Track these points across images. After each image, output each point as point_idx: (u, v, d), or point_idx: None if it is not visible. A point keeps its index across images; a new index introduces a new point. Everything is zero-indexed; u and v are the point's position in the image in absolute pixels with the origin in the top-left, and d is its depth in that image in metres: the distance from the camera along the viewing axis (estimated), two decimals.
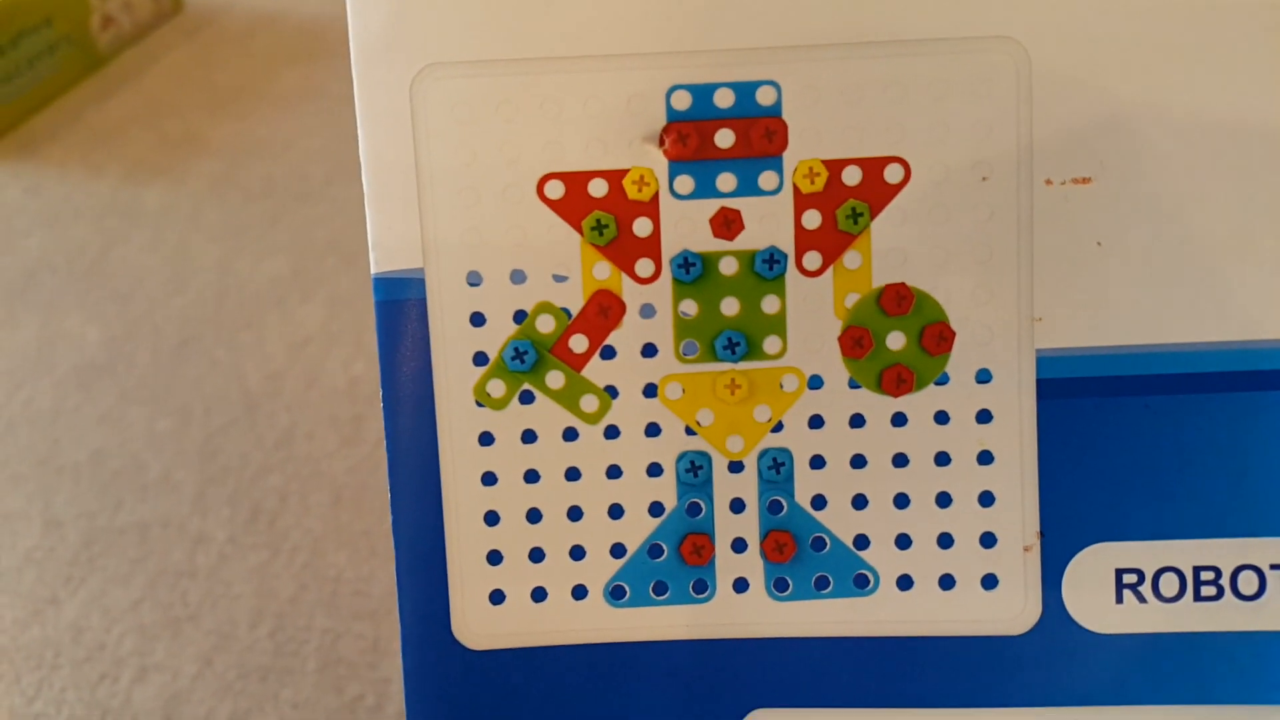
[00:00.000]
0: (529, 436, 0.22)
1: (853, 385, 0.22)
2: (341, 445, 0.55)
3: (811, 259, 0.22)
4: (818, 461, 0.22)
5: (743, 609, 0.22)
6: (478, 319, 0.22)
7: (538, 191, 0.22)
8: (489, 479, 0.22)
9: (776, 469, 0.22)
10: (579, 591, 0.22)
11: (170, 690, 0.47)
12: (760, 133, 0.21)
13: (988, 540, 0.22)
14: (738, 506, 0.22)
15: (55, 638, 0.49)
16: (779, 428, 0.22)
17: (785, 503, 0.22)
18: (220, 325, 0.60)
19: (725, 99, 0.21)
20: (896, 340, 0.22)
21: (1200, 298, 0.22)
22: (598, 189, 0.22)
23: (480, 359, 0.22)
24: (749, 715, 0.22)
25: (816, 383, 0.22)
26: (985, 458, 0.22)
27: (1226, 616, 0.22)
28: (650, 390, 0.22)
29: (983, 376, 0.22)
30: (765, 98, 0.21)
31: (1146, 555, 0.22)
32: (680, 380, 0.22)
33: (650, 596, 0.22)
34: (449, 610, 0.22)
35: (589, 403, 0.22)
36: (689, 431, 0.22)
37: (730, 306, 0.22)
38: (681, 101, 0.21)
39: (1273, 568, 0.22)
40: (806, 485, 0.22)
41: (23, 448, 0.55)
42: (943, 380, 0.22)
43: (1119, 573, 0.22)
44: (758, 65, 0.21)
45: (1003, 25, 0.21)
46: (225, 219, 0.66)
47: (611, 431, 0.22)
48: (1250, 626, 0.22)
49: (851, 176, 0.22)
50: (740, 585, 0.22)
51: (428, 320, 0.22)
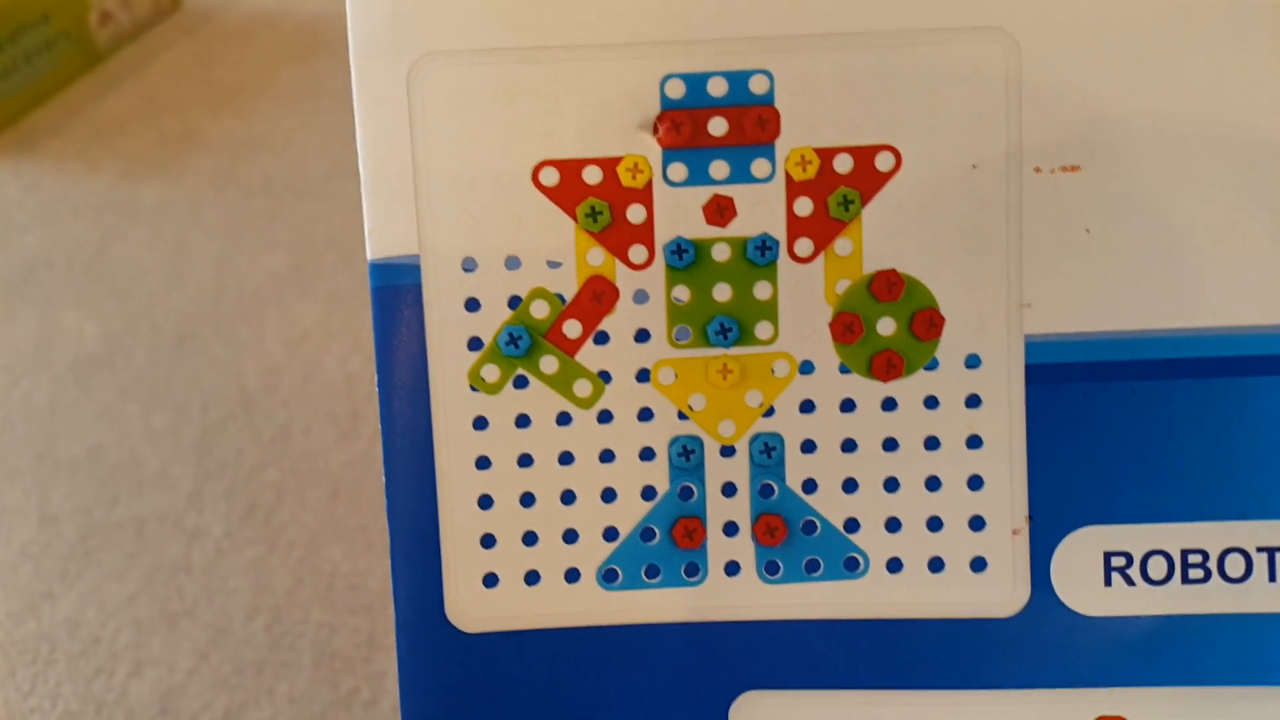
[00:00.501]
0: (523, 421, 0.22)
1: (843, 370, 0.22)
2: (338, 441, 0.56)
3: (803, 245, 0.22)
4: (809, 446, 0.22)
5: (734, 592, 0.22)
6: (472, 304, 0.22)
7: (533, 179, 0.22)
8: (483, 463, 0.22)
9: (768, 453, 0.22)
10: (571, 575, 0.22)
11: (166, 684, 0.47)
12: (753, 121, 0.22)
13: (976, 524, 0.22)
14: (729, 490, 0.22)
15: (51, 632, 0.49)
16: (770, 412, 0.22)
17: (776, 487, 0.22)
18: (218, 321, 0.60)
19: (719, 88, 0.22)
20: (887, 326, 0.22)
21: (1187, 284, 0.22)
22: (592, 176, 0.22)
23: (475, 344, 0.22)
24: (740, 697, 0.23)
25: (808, 368, 0.22)
26: (974, 442, 0.22)
27: (1214, 599, 0.22)
28: (643, 375, 0.22)
29: (972, 362, 0.22)
30: (758, 86, 0.22)
31: (1134, 538, 0.22)
32: (673, 365, 0.22)
33: (642, 579, 0.22)
34: (443, 593, 0.22)
35: (582, 387, 0.22)
36: (681, 416, 0.22)
37: (722, 292, 0.22)
38: (676, 90, 0.22)
39: (1259, 550, 0.22)
40: (797, 469, 0.22)
41: (19, 443, 0.55)
42: (932, 365, 0.22)
43: (1107, 556, 0.22)
44: (751, 55, 0.22)
45: (993, 16, 0.22)
46: (224, 215, 0.66)
47: (604, 416, 0.22)
48: (1237, 608, 0.22)
49: (843, 164, 0.22)
50: (732, 568, 0.22)
51: (423, 306, 0.22)
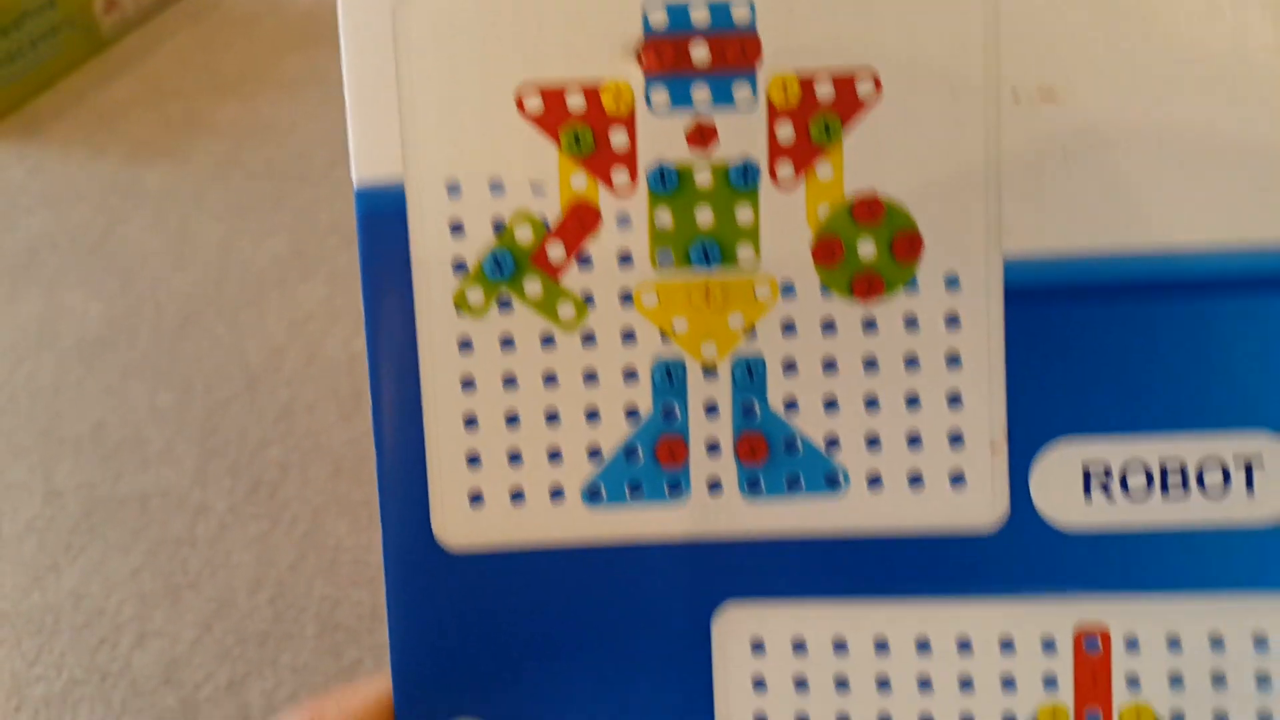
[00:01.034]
0: (507, 343, 0.22)
1: (824, 292, 0.22)
2: (341, 419, 0.56)
3: (784, 170, 0.22)
4: (790, 366, 0.22)
5: (717, 509, 0.23)
6: (457, 228, 0.22)
7: (516, 104, 0.22)
8: (468, 384, 0.23)
9: (750, 374, 0.22)
10: (556, 493, 0.23)
11: (169, 655, 0.47)
12: (735, 48, 0.22)
13: (956, 440, 0.22)
14: (712, 410, 0.22)
15: (55, 604, 0.49)
16: (752, 334, 0.22)
17: (758, 406, 0.22)
18: (222, 303, 0.61)
19: (701, 15, 0.22)
20: (867, 249, 0.22)
21: (1163, 205, 0.22)
22: (575, 102, 0.22)
23: (460, 267, 0.22)
24: (721, 605, 0.23)
25: (789, 290, 0.22)
26: (953, 361, 0.22)
27: (1192, 510, 0.22)
28: (626, 298, 0.22)
29: (951, 282, 0.22)
30: (740, 14, 0.22)
31: (1112, 451, 0.22)
32: (656, 288, 0.22)
33: (626, 497, 0.23)
34: (429, 511, 0.22)
35: (566, 310, 0.23)
36: (664, 339, 0.22)
37: (704, 216, 0.22)
38: (658, 17, 0.22)
39: (1236, 461, 0.22)
40: (779, 390, 0.22)
41: (24, 420, 0.55)
42: (912, 286, 0.22)
43: (1086, 469, 0.22)
44: None
45: None
46: (228, 199, 0.66)
47: (588, 338, 0.22)
48: (1214, 519, 0.22)
49: (824, 90, 0.22)
50: (714, 486, 0.23)
51: (408, 230, 0.22)
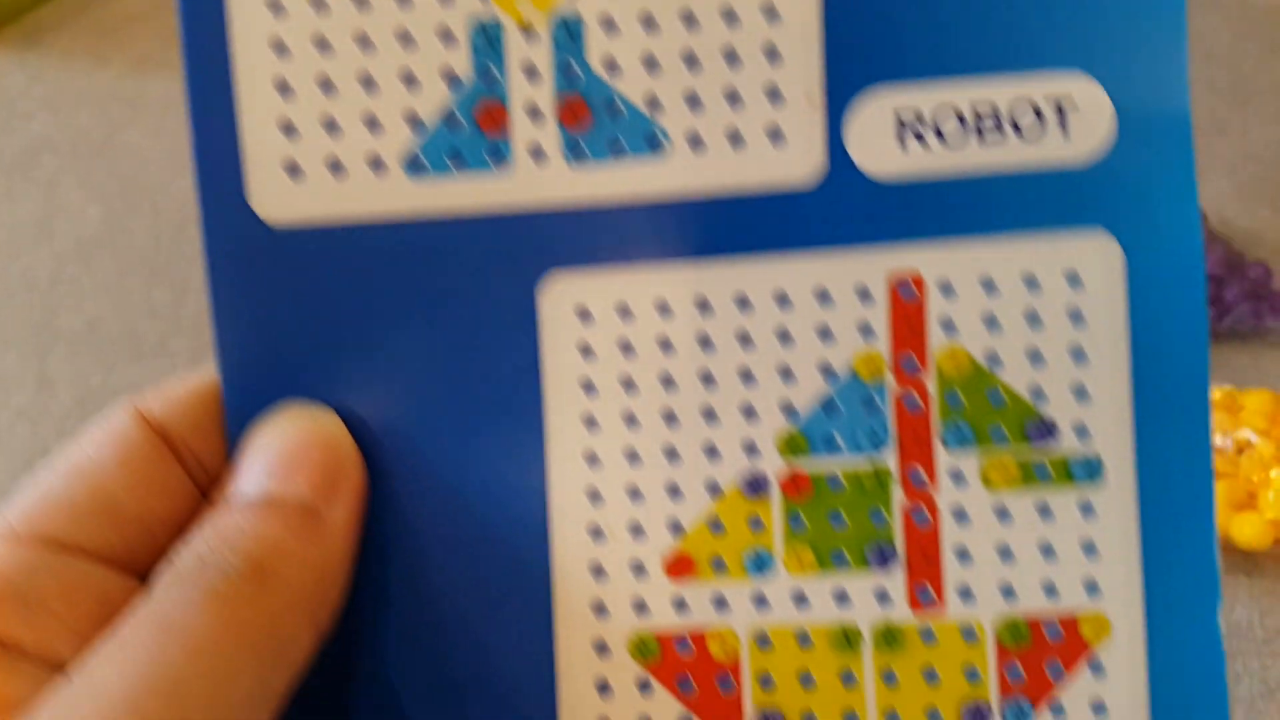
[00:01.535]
0: (320, 3, 0.22)
1: None
2: None
3: None
4: (609, 24, 0.22)
5: (540, 177, 0.22)
6: None
7: None
8: (280, 48, 0.22)
9: (569, 34, 0.22)
10: (377, 164, 0.22)
11: None
12: None
13: (774, 95, 0.22)
14: (532, 74, 0.22)
15: None
16: None
17: (579, 68, 0.22)
18: None
19: None
20: None
21: None
22: None
23: None
24: (546, 275, 0.22)
25: None
26: (770, 13, 0.22)
27: (1007, 153, 0.21)
28: None
29: None
30: None
31: (925, 98, 0.21)
32: None
33: (448, 167, 0.22)
34: (245, 183, 0.22)
35: None
36: None
37: None
38: None
39: (1048, 102, 0.21)
40: (598, 49, 0.22)
41: (19, 313, 0.56)
42: None
43: (899, 117, 0.21)
44: None
45: None
46: None
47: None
48: (1029, 161, 0.21)
49: None
50: (538, 154, 0.22)
51: None
